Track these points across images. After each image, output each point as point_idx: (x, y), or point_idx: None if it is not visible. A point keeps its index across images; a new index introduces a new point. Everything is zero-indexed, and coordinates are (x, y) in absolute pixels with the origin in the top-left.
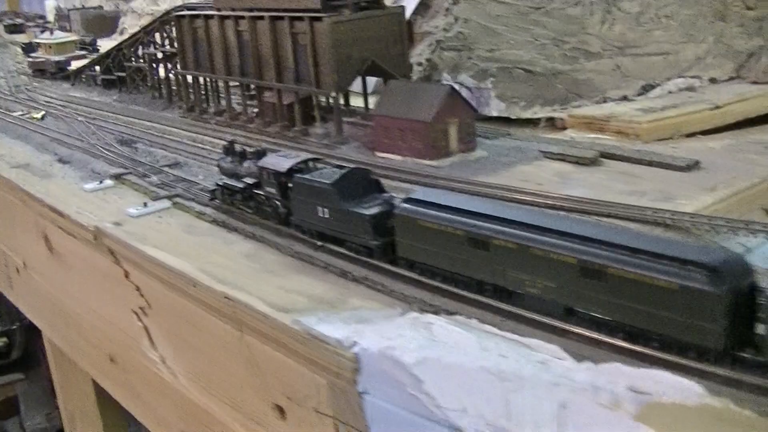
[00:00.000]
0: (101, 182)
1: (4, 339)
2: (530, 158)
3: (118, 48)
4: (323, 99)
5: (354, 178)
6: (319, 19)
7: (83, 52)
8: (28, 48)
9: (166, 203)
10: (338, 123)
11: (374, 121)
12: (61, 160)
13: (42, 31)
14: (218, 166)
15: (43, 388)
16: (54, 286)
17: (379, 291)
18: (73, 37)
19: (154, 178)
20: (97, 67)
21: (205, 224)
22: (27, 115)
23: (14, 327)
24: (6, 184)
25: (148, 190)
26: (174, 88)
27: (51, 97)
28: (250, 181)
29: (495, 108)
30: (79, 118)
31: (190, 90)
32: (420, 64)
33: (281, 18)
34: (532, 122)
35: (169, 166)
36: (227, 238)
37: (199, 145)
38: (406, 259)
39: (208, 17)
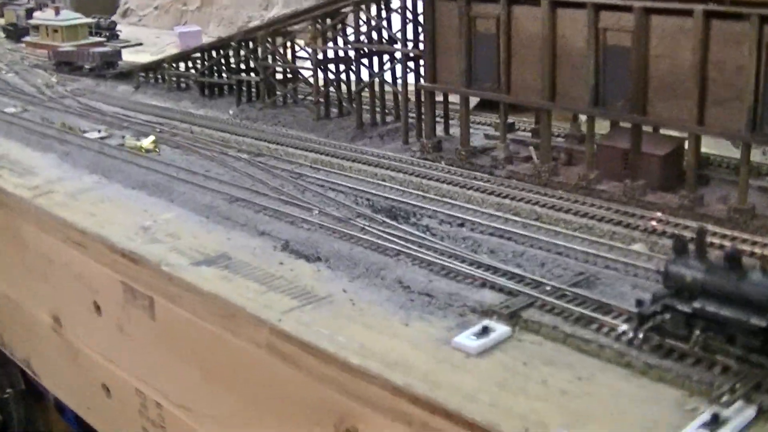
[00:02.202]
0: (483, 332)
1: None
2: None
3: (241, 40)
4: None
5: None
6: None
7: (101, 39)
8: (17, 31)
9: (742, 417)
10: None
11: None
12: (290, 250)
13: (31, 10)
14: (667, 274)
15: None
16: None
17: None
18: (87, 20)
19: (629, 327)
20: (182, 65)
21: None
22: (108, 139)
23: (6, 395)
24: (225, 313)
25: (623, 361)
26: (368, 105)
27: (121, 108)
28: None
29: None
30: (231, 153)
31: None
32: None
33: (732, 16)
34: None
35: (575, 284)
36: None
37: (564, 229)
38: None
39: (511, 2)
